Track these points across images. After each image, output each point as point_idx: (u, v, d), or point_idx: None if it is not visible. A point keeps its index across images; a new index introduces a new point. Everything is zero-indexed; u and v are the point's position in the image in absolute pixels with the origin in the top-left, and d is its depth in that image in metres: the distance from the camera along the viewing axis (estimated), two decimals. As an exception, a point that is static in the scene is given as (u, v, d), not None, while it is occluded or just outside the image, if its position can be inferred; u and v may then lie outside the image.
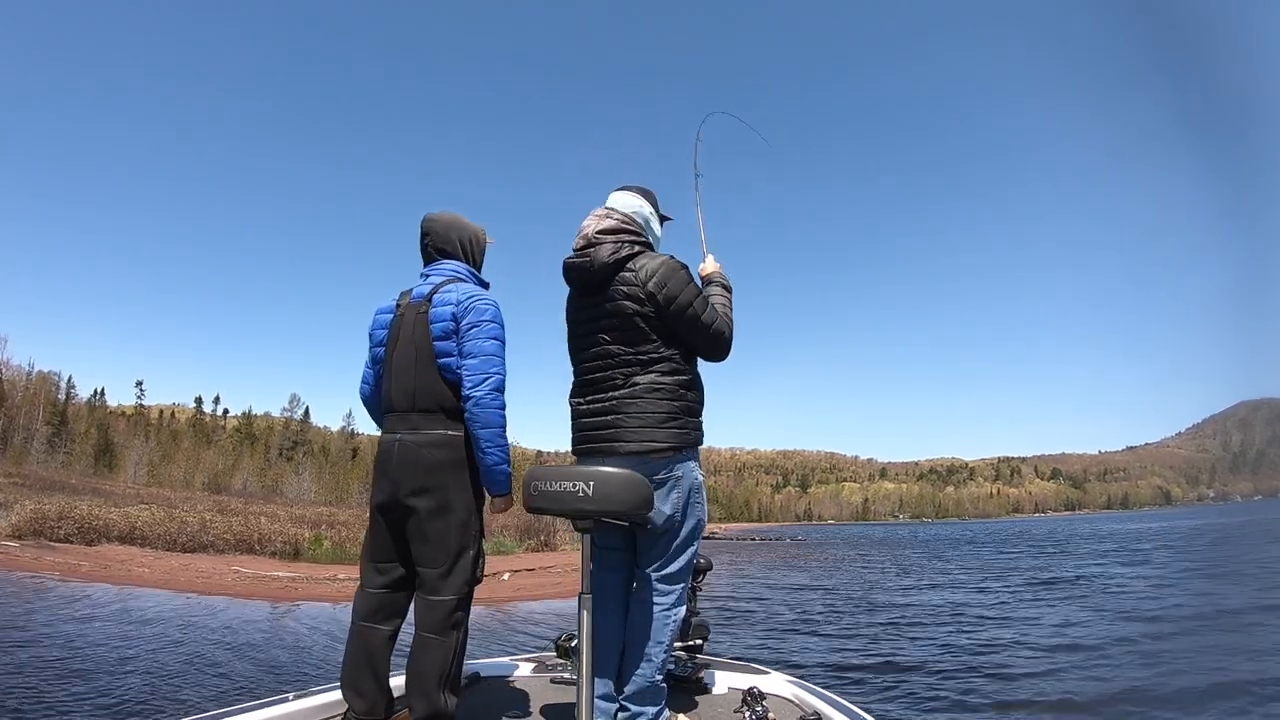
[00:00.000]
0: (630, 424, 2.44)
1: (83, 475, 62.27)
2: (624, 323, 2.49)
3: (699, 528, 2.58)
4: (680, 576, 2.55)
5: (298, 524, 29.59)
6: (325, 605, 13.84)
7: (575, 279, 2.65)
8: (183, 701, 6.38)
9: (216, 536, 23.14)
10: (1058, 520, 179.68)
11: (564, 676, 3.13)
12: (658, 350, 2.50)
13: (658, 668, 2.44)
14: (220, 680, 7.42)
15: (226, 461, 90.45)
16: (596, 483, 1.97)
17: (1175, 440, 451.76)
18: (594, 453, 2.51)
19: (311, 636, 10.48)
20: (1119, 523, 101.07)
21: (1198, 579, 19.44)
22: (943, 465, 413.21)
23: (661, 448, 2.42)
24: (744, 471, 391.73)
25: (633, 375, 2.49)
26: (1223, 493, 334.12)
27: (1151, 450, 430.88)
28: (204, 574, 17.36)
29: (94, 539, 21.20)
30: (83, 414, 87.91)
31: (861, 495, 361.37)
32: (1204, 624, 11.67)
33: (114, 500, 33.38)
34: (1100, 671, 8.49)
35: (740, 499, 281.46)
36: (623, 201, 2.72)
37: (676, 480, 2.47)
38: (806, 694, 2.87)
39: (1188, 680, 7.79)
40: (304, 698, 2.62)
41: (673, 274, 2.49)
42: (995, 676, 8.25)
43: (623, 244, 2.55)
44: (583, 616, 2.00)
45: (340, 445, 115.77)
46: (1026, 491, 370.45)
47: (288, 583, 17.11)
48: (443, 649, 2.37)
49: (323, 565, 22.89)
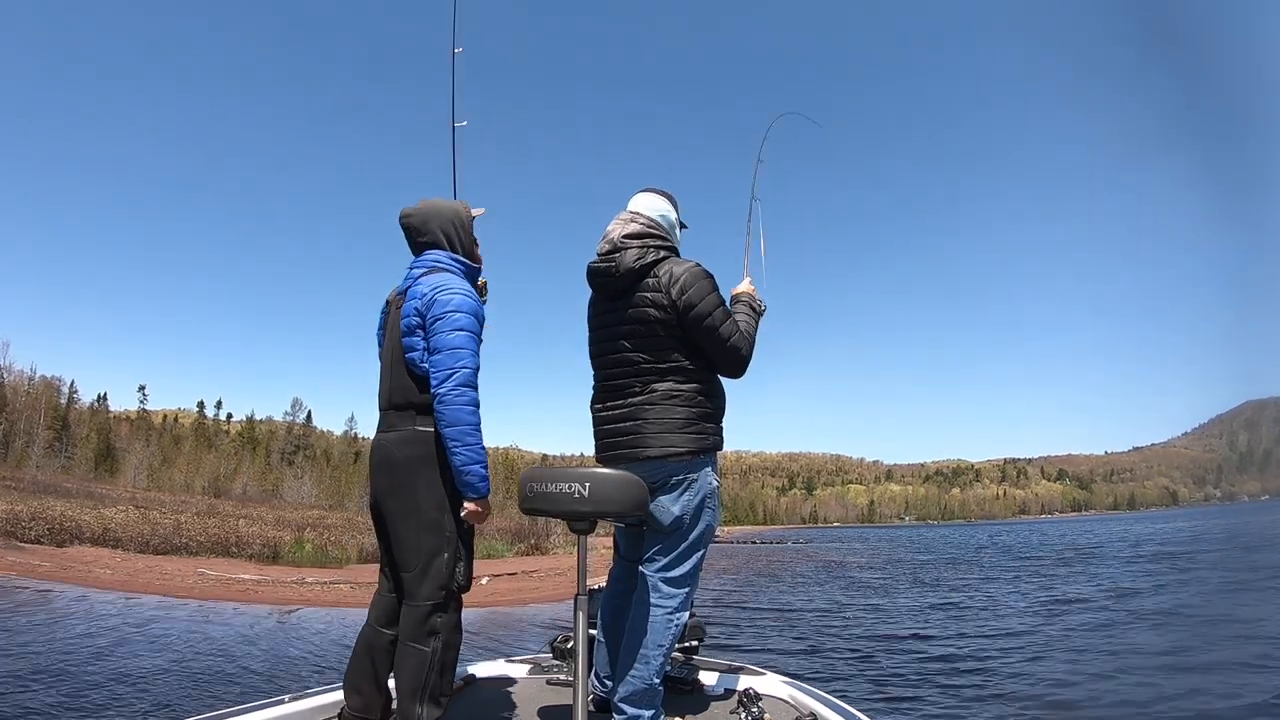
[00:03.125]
0: (650, 429, 2.44)
1: (82, 479, 62.58)
2: (646, 329, 2.48)
3: (708, 532, 2.55)
4: (685, 581, 2.51)
5: (281, 527, 29.63)
6: (269, 608, 13.76)
7: (599, 284, 2.63)
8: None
9: (189, 539, 23.12)
10: (1066, 522, 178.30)
11: (560, 678, 3.12)
12: (677, 358, 2.48)
13: (655, 670, 2.40)
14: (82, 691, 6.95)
15: (228, 466, 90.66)
16: (593, 484, 1.99)
17: (1182, 440, 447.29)
18: (617, 459, 2.49)
19: (231, 641, 10.35)
20: (1128, 524, 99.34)
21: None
22: (948, 467, 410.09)
23: (680, 451, 2.42)
24: (749, 474, 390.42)
25: (651, 382, 2.48)
26: (1230, 493, 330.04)
27: (1158, 451, 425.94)
28: (166, 575, 17.38)
29: (65, 540, 21.28)
30: (85, 419, 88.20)
31: (867, 497, 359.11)
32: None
33: (108, 503, 33.52)
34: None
35: (745, 502, 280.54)
36: (647, 204, 2.67)
37: (691, 483, 2.46)
38: (802, 695, 2.86)
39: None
40: (300, 699, 2.59)
41: (696, 281, 2.45)
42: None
43: (648, 249, 2.52)
44: (579, 618, 2.00)
45: (343, 449, 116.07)
46: (1033, 493, 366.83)
47: (250, 585, 17.11)
48: (417, 657, 2.24)
49: (297, 568, 22.95)
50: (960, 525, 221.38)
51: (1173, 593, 15.66)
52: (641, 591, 2.51)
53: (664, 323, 2.44)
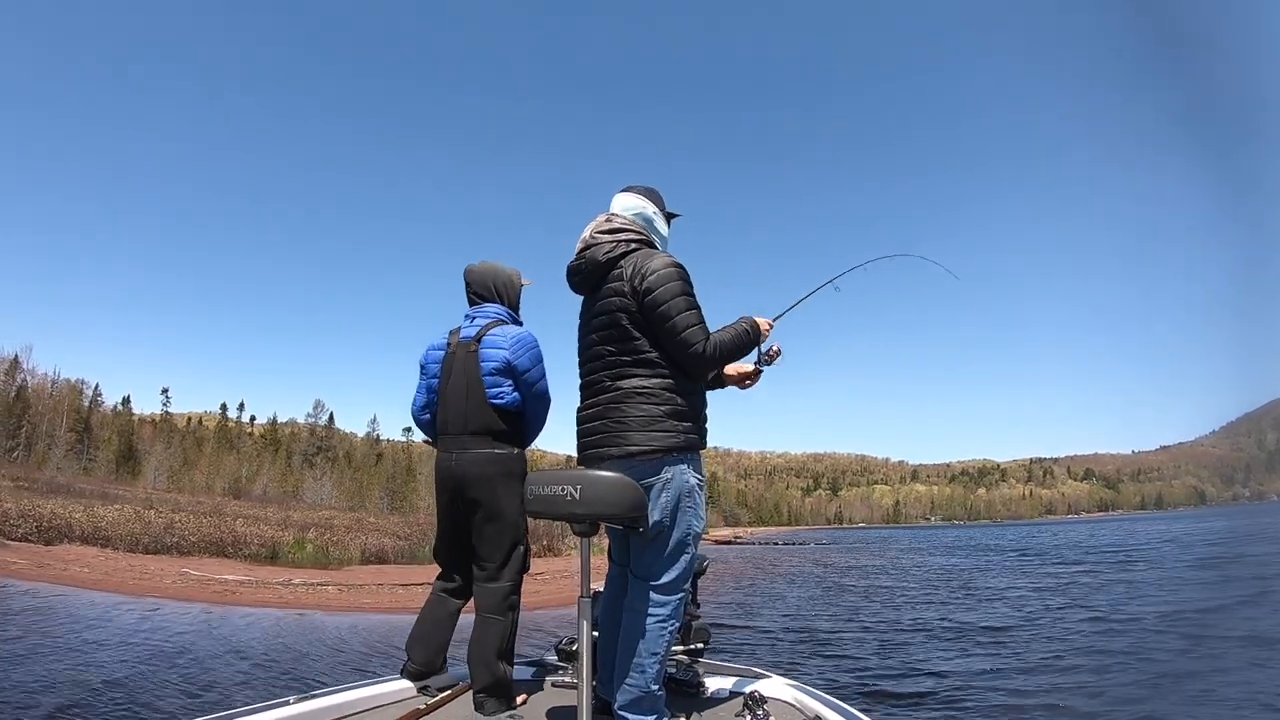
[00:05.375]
0: (615, 429, 2.41)
1: (102, 481, 62.91)
2: (610, 320, 2.47)
3: (692, 534, 2.48)
4: (676, 587, 2.46)
5: (285, 527, 29.16)
6: (243, 609, 13.19)
7: (575, 282, 2.69)
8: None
9: (181, 538, 22.64)
10: (1097, 522, 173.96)
11: (564, 680, 3.14)
12: (644, 352, 2.43)
13: (651, 678, 2.37)
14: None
15: (250, 468, 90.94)
16: (584, 486, 2.02)
17: (1209, 439, 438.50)
18: (589, 460, 2.49)
19: (144, 644, 9.65)
20: (1165, 523, 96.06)
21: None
22: (974, 467, 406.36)
23: (646, 450, 2.36)
24: (774, 475, 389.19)
25: (619, 379, 2.45)
26: (1258, 492, 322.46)
27: (1185, 449, 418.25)
28: (148, 575, 16.89)
29: (54, 538, 20.85)
30: (108, 422, 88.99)
31: (893, 498, 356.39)
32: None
33: (121, 503, 33.27)
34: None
35: (770, 502, 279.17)
36: (623, 204, 2.70)
37: (665, 483, 2.39)
38: (808, 698, 2.85)
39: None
40: (305, 700, 2.55)
41: (660, 269, 2.42)
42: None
43: (619, 243, 2.54)
44: (582, 621, 2.04)
45: (365, 451, 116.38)
46: (1059, 493, 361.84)
47: (234, 586, 16.58)
48: (500, 626, 2.85)
49: (292, 569, 22.46)
50: (987, 526, 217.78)
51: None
52: (632, 599, 2.48)
53: (628, 313, 2.42)
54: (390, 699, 2.81)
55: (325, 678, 8.12)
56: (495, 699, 2.72)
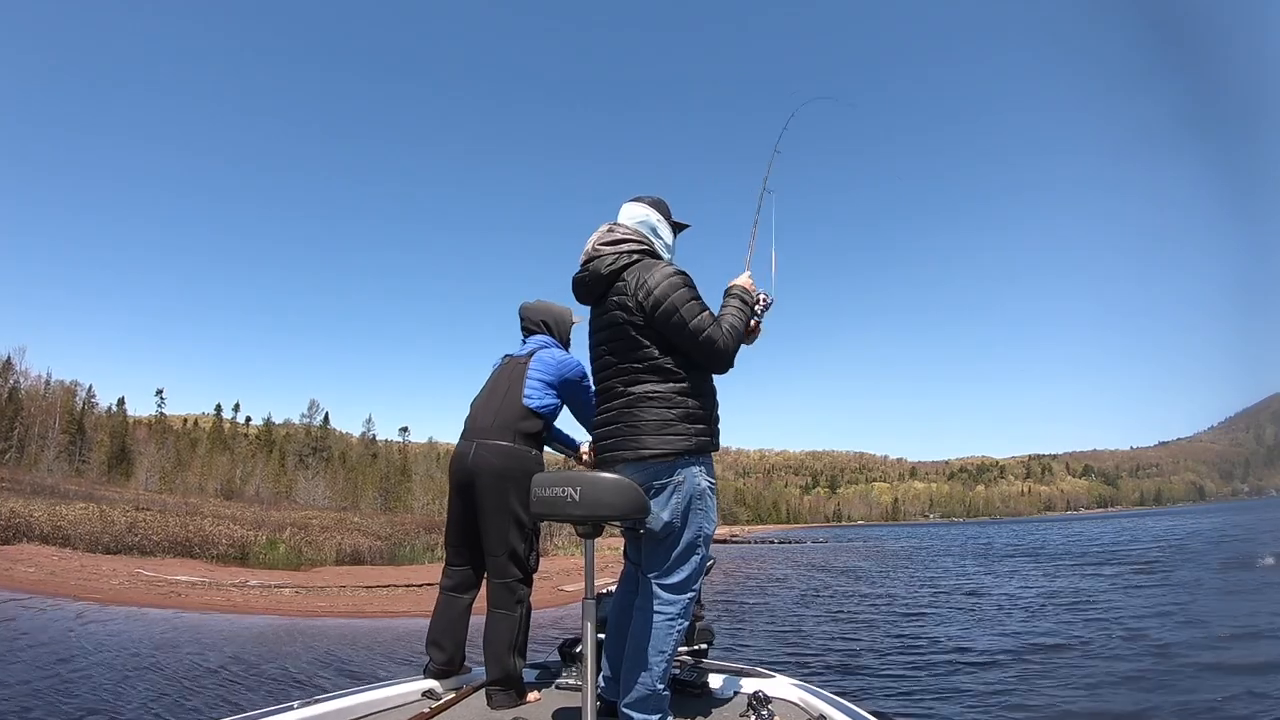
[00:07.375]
0: (629, 433, 2.44)
1: (93, 483, 62.69)
2: (618, 332, 2.51)
3: (703, 536, 2.51)
4: (686, 586, 2.49)
5: (257, 527, 29.03)
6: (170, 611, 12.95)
7: (579, 293, 2.72)
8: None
9: (144, 537, 22.50)
10: (1096, 518, 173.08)
11: (568, 682, 3.12)
12: (653, 359, 2.46)
13: (658, 677, 2.39)
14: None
15: (244, 468, 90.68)
16: (584, 488, 2.04)
17: (1208, 435, 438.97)
18: (606, 463, 2.51)
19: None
20: (1169, 519, 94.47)
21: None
22: (973, 464, 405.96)
23: (660, 453, 2.39)
24: (773, 473, 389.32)
25: (632, 384, 2.49)
26: (1257, 487, 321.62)
27: (1184, 445, 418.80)
28: (94, 576, 16.79)
29: (11, 537, 20.76)
30: (102, 423, 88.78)
31: (891, 495, 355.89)
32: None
33: (112, 504, 33.12)
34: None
35: (769, 500, 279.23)
36: (628, 214, 2.73)
37: (676, 485, 2.42)
38: (813, 698, 2.84)
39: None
40: (308, 705, 2.53)
41: (664, 279, 2.45)
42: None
43: (622, 254, 2.56)
44: (586, 622, 2.04)
45: (360, 451, 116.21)
46: (1058, 489, 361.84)
47: (184, 588, 16.47)
48: (509, 621, 2.91)
49: (258, 570, 22.30)
50: (987, 522, 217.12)
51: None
52: (642, 598, 2.51)
53: (635, 324, 2.46)
54: (394, 703, 2.79)
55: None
56: (504, 692, 2.81)
